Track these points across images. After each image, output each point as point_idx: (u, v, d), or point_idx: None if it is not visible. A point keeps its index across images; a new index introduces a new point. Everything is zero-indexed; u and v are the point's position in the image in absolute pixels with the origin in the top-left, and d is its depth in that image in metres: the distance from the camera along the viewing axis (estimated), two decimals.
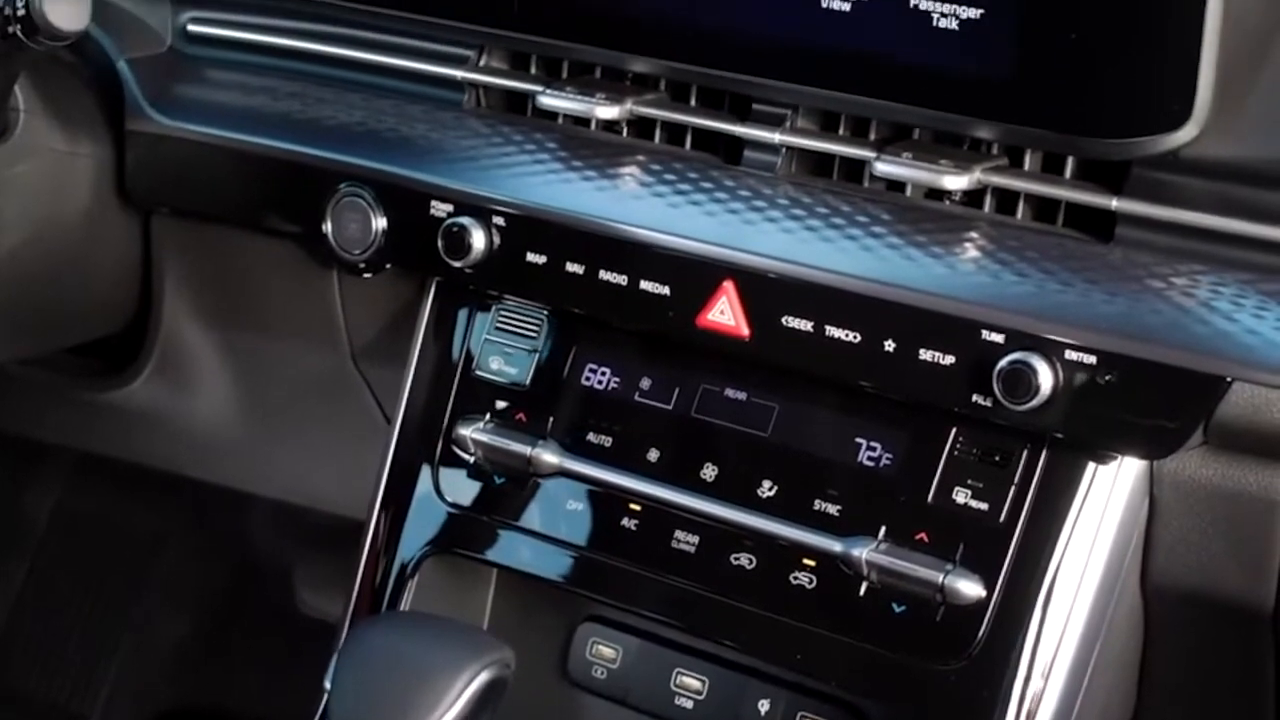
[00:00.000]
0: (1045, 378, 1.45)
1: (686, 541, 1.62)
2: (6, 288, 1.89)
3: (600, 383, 1.69)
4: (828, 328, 1.54)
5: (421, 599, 1.75)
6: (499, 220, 1.68)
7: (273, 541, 2.52)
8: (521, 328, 1.74)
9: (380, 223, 1.75)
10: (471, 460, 1.73)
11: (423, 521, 1.75)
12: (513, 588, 1.77)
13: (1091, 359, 1.44)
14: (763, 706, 1.67)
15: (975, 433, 1.53)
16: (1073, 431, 1.47)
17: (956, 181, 1.54)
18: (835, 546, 1.55)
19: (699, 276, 1.59)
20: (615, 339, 1.69)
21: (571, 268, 1.65)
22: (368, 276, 1.81)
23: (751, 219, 1.61)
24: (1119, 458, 1.49)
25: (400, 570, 1.75)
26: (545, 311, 1.72)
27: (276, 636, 2.56)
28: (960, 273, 1.51)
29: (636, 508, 1.65)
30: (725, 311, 1.59)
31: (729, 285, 1.58)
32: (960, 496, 1.53)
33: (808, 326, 1.55)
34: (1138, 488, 1.51)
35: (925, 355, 1.50)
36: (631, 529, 1.65)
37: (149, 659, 2.65)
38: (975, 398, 1.49)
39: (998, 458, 1.52)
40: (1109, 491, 1.50)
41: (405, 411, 1.78)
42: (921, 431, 1.55)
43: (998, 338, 1.47)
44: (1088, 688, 1.52)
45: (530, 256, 1.67)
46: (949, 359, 1.49)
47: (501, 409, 1.72)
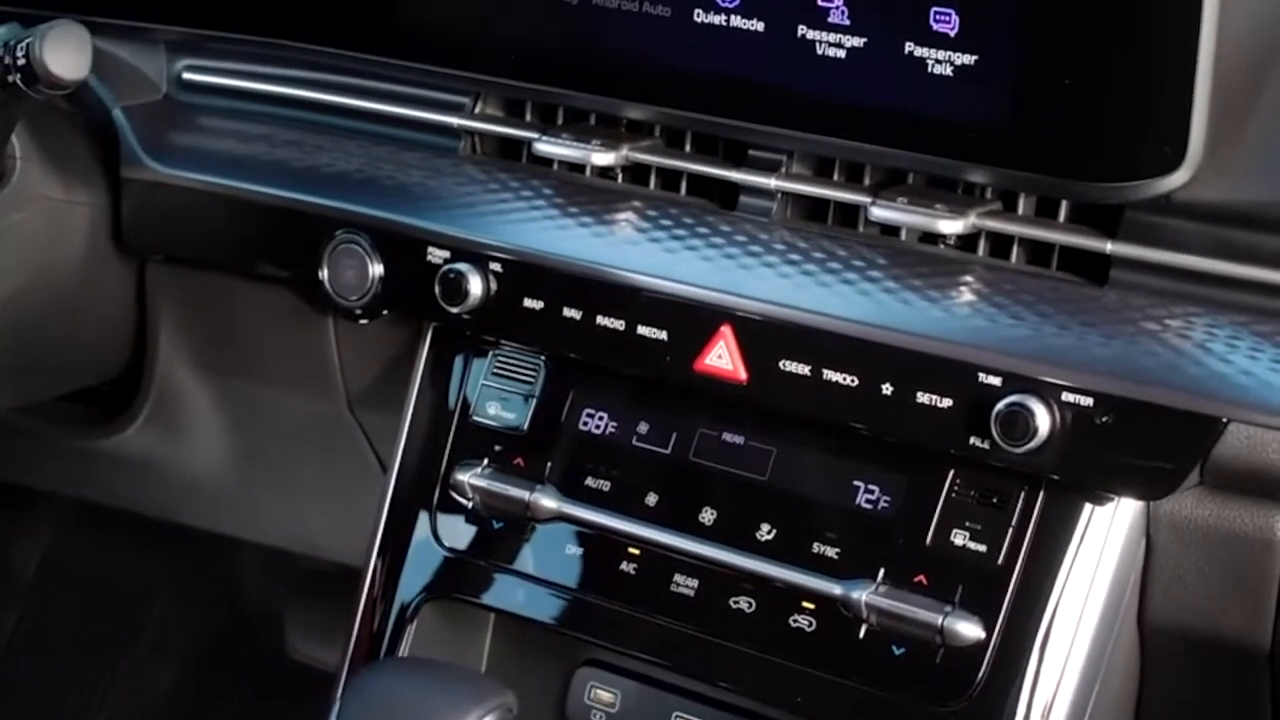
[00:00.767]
0: (1043, 420, 1.46)
1: (685, 585, 1.63)
2: (1, 336, 1.89)
3: (598, 427, 1.70)
4: (825, 371, 1.55)
5: (420, 644, 1.75)
6: (496, 266, 1.69)
7: (264, 588, 2.52)
8: (518, 373, 1.74)
9: (377, 269, 1.76)
10: (469, 505, 1.73)
11: (421, 567, 1.76)
12: (511, 632, 1.78)
13: (1089, 401, 1.45)
14: None
15: (973, 474, 1.54)
16: (1070, 473, 1.48)
17: (952, 226, 1.56)
18: (834, 589, 1.56)
19: (696, 321, 1.60)
20: (612, 383, 1.69)
21: (569, 313, 1.66)
22: (364, 323, 1.82)
23: (748, 264, 1.62)
24: (1116, 498, 1.50)
25: (399, 615, 1.75)
26: (542, 356, 1.73)
27: (269, 684, 2.56)
28: (957, 316, 1.53)
29: (635, 552, 1.65)
30: (723, 356, 1.59)
31: (726, 330, 1.59)
32: (958, 538, 1.54)
33: (806, 370, 1.56)
34: (1135, 528, 1.52)
35: (923, 398, 1.51)
36: (630, 573, 1.65)
37: (140, 708, 2.63)
38: (973, 440, 1.50)
39: (995, 499, 1.53)
40: (1106, 532, 1.51)
41: (402, 457, 1.79)
42: (919, 474, 1.56)
43: (995, 380, 1.48)
44: None
45: (527, 302, 1.68)
46: (946, 402, 1.50)
47: (499, 454, 1.73)
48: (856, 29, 1.55)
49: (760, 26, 1.59)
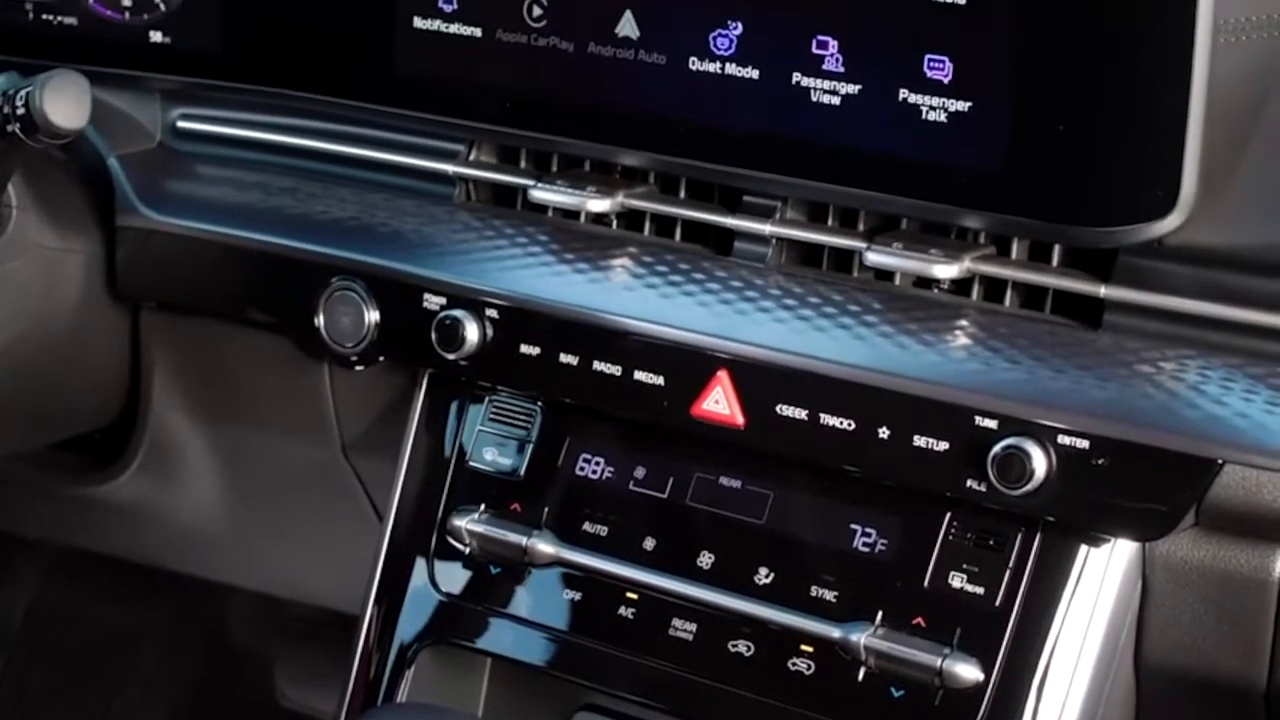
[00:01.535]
0: (1039, 462, 1.47)
1: (684, 629, 1.63)
2: None
3: (594, 472, 1.70)
4: (822, 416, 1.56)
5: (417, 689, 1.75)
6: (492, 313, 1.70)
7: (256, 634, 2.51)
8: (515, 418, 1.75)
9: (373, 316, 1.77)
10: (466, 551, 1.73)
11: (418, 612, 1.76)
12: (508, 677, 1.78)
13: (1084, 443, 1.46)
14: None
15: (969, 517, 1.55)
16: (1067, 515, 1.49)
17: (947, 271, 1.57)
18: (833, 632, 1.56)
19: (693, 366, 1.61)
20: (608, 428, 1.70)
21: (565, 359, 1.67)
22: (359, 369, 1.82)
23: (744, 309, 1.63)
24: (1112, 539, 1.51)
25: (396, 661, 1.75)
26: (538, 402, 1.74)
27: None
28: (952, 359, 1.54)
29: (633, 596, 1.66)
30: (720, 401, 1.60)
31: (723, 375, 1.60)
32: (956, 580, 1.54)
33: (802, 415, 1.57)
34: (1131, 569, 1.53)
35: (919, 441, 1.52)
36: (628, 617, 1.66)
37: None
38: (969, 483, 1.51)
39: (992, 541, 1.54)
40: (1103, 573, 1.52)
41: (399, 502, 1.79)
42: (916, 516, 1.57)
43: (991, 423, 1.49)
44: None
45: (524, 348, 1.69)
46: (943, 445, 1.51)
47: (496, 499, 1.73)
48: (851, 76, 1.57)
49: (755, 74, 1.61)
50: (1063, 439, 1.46)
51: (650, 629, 1.64)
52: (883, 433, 1.53)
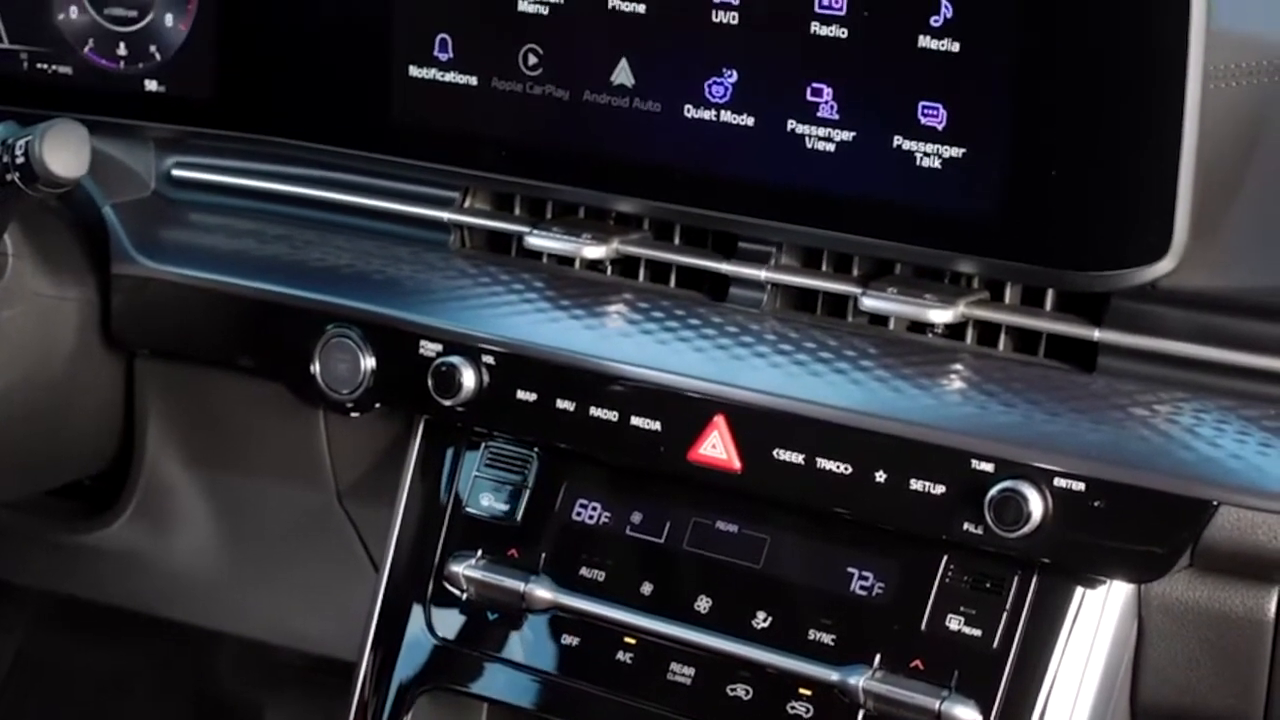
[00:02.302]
0: (1035, 505, 1.48)
1: (682, 674, 1.64)
2: None
3: (591, 517, 1.71)
4: (819, 460, 1.57)
5: None
6: (488, 359, 1.71)
7: (247, 682, 2.51)
8: (511, 464, 1.76)
9: (369, 363, 1.77)
10: (464, 597, 1.74)
11: (415, 658, 1.76)
12: None
13: (1081, 486, 1.47)
14: None
15: (966, 560, 1.56)
16: (1063, 557, 1.50)
17: (942, 315, 1.59)
18: (832, 675, 1.57)
19: (690, 412, 1.62)
20: (605, 473, 1.71)
21: (562, 405, 1.68)
22: (355, 416, 1.83)
23: (740, 354, 1.64)
24: (1108, 581, 1.52)
25: (394, 707, 1.76)
26: (534, 448, 1.75)
27: None
28: (948, 403, 1.55)
29: (631, 641, 1.66)
30: (717, 445, 1.61)
31: (720, 420, 1.61)
32: (954, 623, 1.55)
33: (799, 459, 1.57)
34: (1127, 610, 1.54)
35: (916, 485, 1.53)
36: (626, 662, 1.66)
37: None
38: (966, 526, 1.52)
39: (989, 584, 1.55)
40: (1099, 615, 1.53)
41: (395, 549, 1.79)
42: (913, 560, 1.58)
43: (988, 467, 1.50)
44: None
45: (520, 394, 1.70)
46: (940, 489, 1.52)
47: (493, 545, 1.74)
48: (845, 123, 1.58)
49: (750, 121, 1.62)
50: (1059, 481, 1.48)
51: (648, 673, 1.65)
52: (879, 476, 1.54)
